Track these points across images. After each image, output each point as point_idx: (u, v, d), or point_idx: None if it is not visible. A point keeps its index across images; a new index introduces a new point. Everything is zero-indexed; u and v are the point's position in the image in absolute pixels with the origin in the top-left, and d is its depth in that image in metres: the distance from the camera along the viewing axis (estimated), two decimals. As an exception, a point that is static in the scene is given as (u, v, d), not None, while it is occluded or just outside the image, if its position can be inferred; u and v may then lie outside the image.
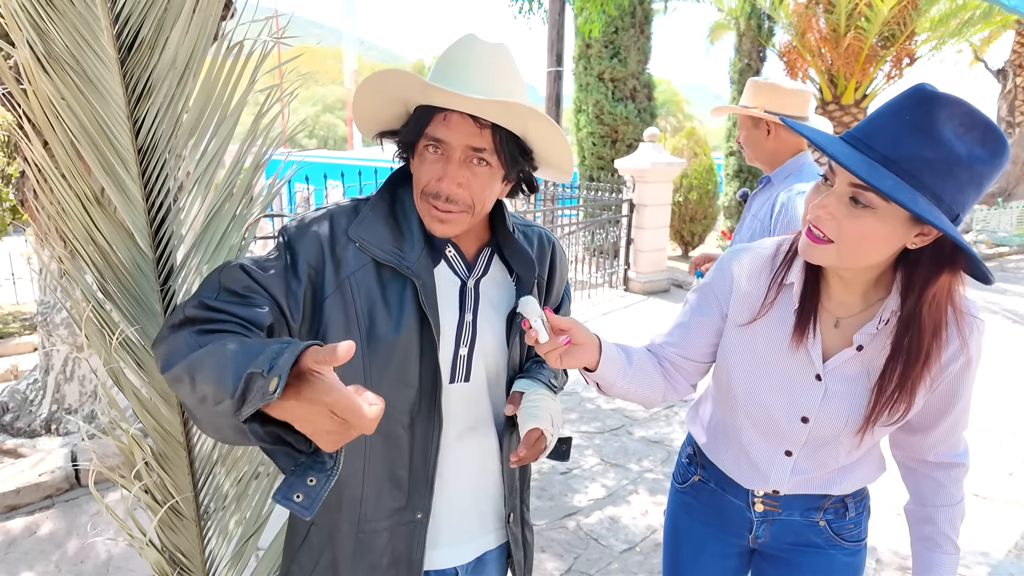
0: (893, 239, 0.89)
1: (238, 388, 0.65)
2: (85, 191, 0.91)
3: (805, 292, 1.02)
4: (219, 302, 0.82)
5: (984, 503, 3.07)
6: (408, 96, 0.92)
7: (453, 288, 1.01)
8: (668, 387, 1.18)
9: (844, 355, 1.02)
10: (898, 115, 0.85)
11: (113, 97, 0.96)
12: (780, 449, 1.12)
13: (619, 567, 2.51)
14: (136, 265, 0.99)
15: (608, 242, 7.48)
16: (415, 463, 0.97)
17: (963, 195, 0.85)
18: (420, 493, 0.98)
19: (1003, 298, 7.59)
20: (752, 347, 1.09)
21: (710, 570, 1.30)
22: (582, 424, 3.88)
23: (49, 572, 2.36)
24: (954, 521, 1.13)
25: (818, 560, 1.19)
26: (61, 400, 3.29)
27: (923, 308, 0.93)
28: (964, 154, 0.82)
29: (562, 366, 0.98)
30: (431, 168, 0.92)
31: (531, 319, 0.91)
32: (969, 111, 0.83)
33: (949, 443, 1.11)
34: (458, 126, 0.89)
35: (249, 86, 1.07)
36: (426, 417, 0.96)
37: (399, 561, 0.99)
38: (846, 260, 0.93)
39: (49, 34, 0.87)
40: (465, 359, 1.01)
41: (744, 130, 2.11)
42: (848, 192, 0.88)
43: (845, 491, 1.15)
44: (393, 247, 0.94)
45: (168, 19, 0.98)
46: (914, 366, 0.96)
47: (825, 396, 1.04)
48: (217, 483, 1.22)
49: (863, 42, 9.92)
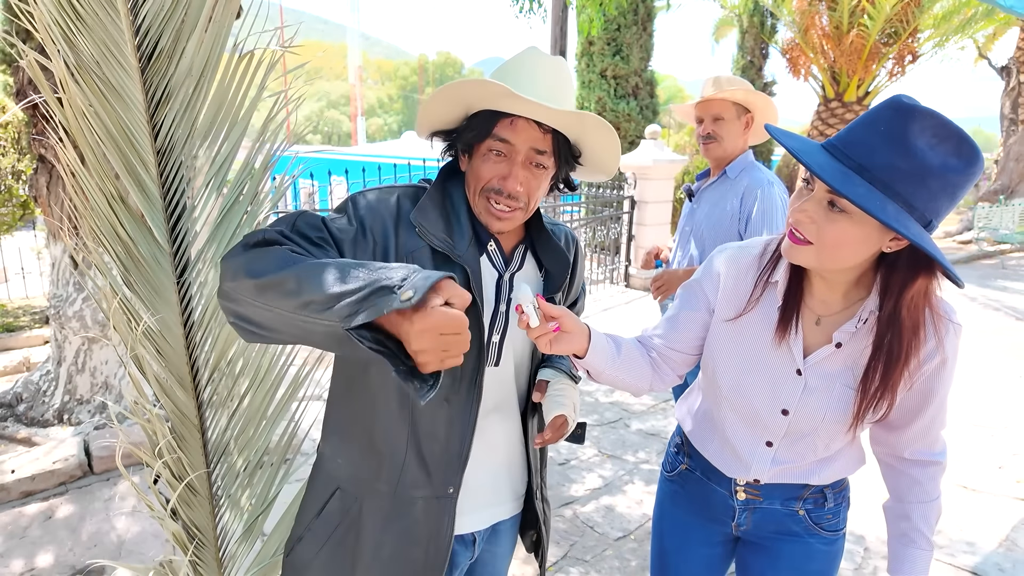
0: (869, 243, 0.93)
1: (362, 293, 0.72)
2: (111, 191, 0.99)
3: (789, 290, 1.07)
4: (296, 236, 0.88)
5: (974, 495, 3.13)
6: (475, 102, 1.00)
7: (491, 280, 1.09)
8: (655, 377, 1.24)
9: (824, 352, 1.06)
10: (874, 125, 0.89)
11: (135, 103, 1.03)
12: (761, 440, 1.16)
13: (613, 553, 2.59)
14: (155, 259, 1.07)
15: (609, 238, 7.54)
16: (452, 440, 1.04)
17: (936, 203, 0.88)
18: (453, 469, 1.04)
19: (1004, 295, 7.63)
20: (737, 341, 1.14)
21: (695, 557, 1.35)
22: (580, 417, 3.96)
23: (63, 555, 2.45)
24: (929, 518, 1.16)
25: (797, 548, 1.23)
26: (73, 391, 3.39)
27: (902, 310, 0.96)
28: (937, 164, 0.86)
29: (551, 351, 1.04)
30: (495, 167, 1.00)
31: (524, 305, 0.98)
32: (943, 123, 0.86)
33: (926, 441, 1.14)
34: (524, 130, 0.98)
35: (259, 92, 1.14)
36: (466, 395, 1.03)
37: (429, 533, 1.05)
38: (825, 262, 0.97)
39: (78, 46, 0.95)
40: (496, 345, 1.09)
41: (724, 120, 2.22)
42: (826, 197, 0.92)
43: (824, 482, 1.19)
44: (446, 236, 1.01)
45: (185, 30, 1.05)
46: (895, 365, 0.99)
47: (805, 390, 1.08)
48: (229, 463, 1.31)
49: (865, 39, 9.94)
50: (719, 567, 1.36)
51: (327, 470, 1.10)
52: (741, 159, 2.28)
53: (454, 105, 1.02)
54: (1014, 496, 3.12)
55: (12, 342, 4.89)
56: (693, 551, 1.35)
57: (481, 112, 1.00)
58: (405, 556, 1.05)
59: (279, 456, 1.40)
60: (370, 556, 1.04)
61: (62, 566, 2.40)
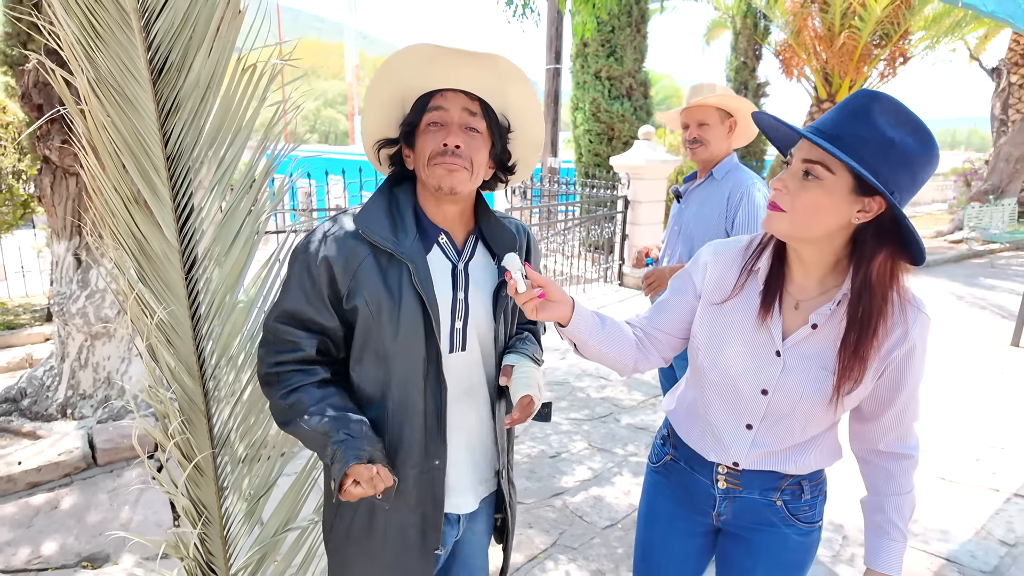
0: (838, 211, 1.02)
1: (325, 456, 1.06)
2: (127, 193, 1.08)
3: (770, 276, 1.17)
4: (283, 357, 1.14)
5: (951, 486, 3.24)
6: (406, 89, 1.15)
7: (446, 271, 1.18)
8: (640, 356, 1.30)
9: (801, 333, 1.13)
10: (843, 107, 1.02)
11: (147, 113, 1.12)
12: (742, 422, 1.22)
13: (600, 541, 2.69)
14: (166, 256, 1.17)
15: (603, 238, 7.64)
16: (429, 420, 1.16)
17: (896, 175, 0.98)
18: (435, 444, 1.17)
19: (991, 294, 7.75)
20: (722, 324, 1.22)
21: (678, 547, 1.40)
22: (572, 411, 4.06)
23: (69, 543, 2.54)
24: (902, 510, 1.20)
25: (773, 538, 1.28)
26: (76, 386, 3.47)
27: (871, 278, 1.05)
28: (896, 139, 0.97)
29: (536, 317, 1.13)
30: (435, 136, 1.12)
31: (512, 272, 1.09)
32: (903, 109, 0.99)
33: (898, 432, 1.19)
34: (454, 97, 1.13)
35: (260, 103, 1.24)
36: (435, 382, 1.15)
37: (425, 500, 1.18)
38: (798, 229, 1.06)
39: (97, 62, 1.04)
40: (461, 331, 1.18)
41: (709, 125, 2.33)
42: (801, 168, 1.03)
43: (801, 471, 1.23)
44: (390, 234, 1.11)
45: (192, 46, 1.14)
46: (866, 336, 1.06)
47: (783, 371, 1.15)
48: (232, 449, 1.40)
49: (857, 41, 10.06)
50: (699, 559, 1.41)
51: None
52: (727, 161, 2.38)
53: (390, 105, 1.17)
54: (989, 487, 3.23)
55: (13, 339, 4.97)
56: (675, 542, 1.40)
57: (418, 99, 1.15)
58: (410, 521, 1.19)
59: (277, 449, 1.49)
60: (383, 526, 1.19)
61: (68, 554, 2.49)
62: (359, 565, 1.22)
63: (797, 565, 1.29)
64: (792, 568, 1.29)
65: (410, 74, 1.12)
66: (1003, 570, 2.57)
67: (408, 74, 1.12)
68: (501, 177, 1.26)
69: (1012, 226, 11.02)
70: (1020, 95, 13.15)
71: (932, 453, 3.59)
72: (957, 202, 12.95)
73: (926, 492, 3.17)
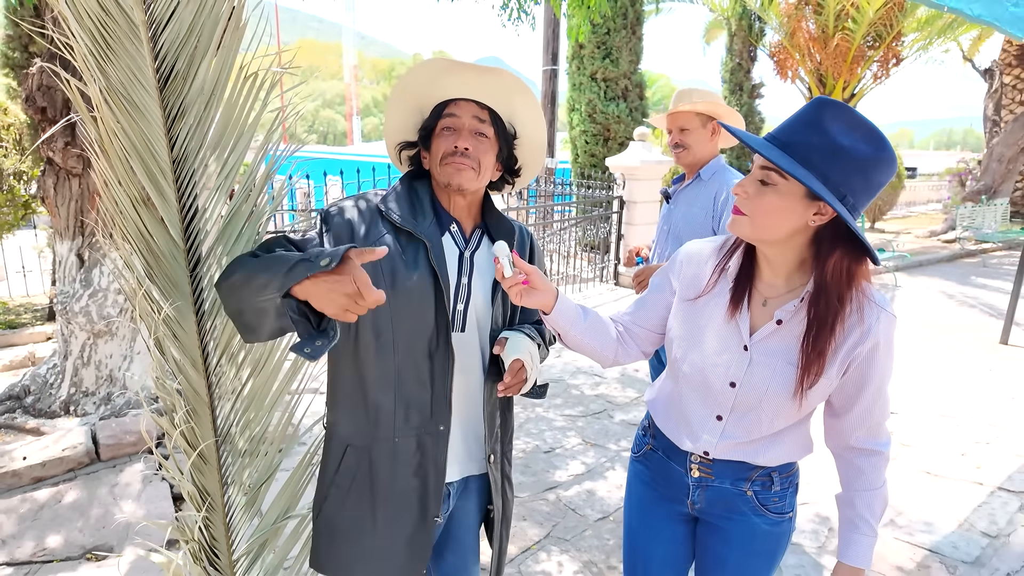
0: (794, 214, 1.08)
1: (291, 265, 0.95)
2: (135, 195, 1.14)
3: (739, 275, 1.23)
4: (264, 251, 1.13)
5: (936, 480, 3.31)
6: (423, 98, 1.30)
7: (454, 256, 1.29)
8: (620, 349, 1.38)
9: (767, 329, 1.19)
10: (798, 116, 1.08)
11: (154, 119, 1.19)
12: (713, 414, 1.28)
13: (592, 533, 2.76)
14: (172, 255, 1.23)
15: (599, 238, 7.71)
16: (436, 386, 1.24)
17: (849, 179, 1.03)
18: (441, 409, 1.25)
19: (982, 292, 7.84)
20: (695, 319, 1.29)
21: (660, 534, 1.45)
22: (567, 408, 4.13)
23: (74, 536, 2.60)
24: (873, 506, 1.24)
25: (743, 527, 1.33)
26: (79, 383, 3.53)
27: (826, 277, 1.10)
28: (847, 145, 1.02)
29: (521, 303, 1.22)
30: (448, 139, 1.25)
31: (500, 257, 1.18)
32: (854, 116, 1.03)
33: (868, 428, 1.24)
34: (466, 107, 1.27)
35: (261, 109, 1.30)
36: (443, 352, 1.23)
37: (427, 463, 1.25)
38: (758, 231, 1.12)
39: (108, 71, 1.11)
40: (461, 313, 1.29)
41: (690, 130, 2.42)
42: (759, 175, 1.10)
43: (770, 463, 1.28)
44: (410, 216, 1.24)
45: (197, 55, 1.21)
46: (823, 331, 1.11)
47: (751, 365, 1.21)
48: (233, 443, 1.46)
49: (850, 43, 10.14)
50: (682, 544, 1.46)
51: (337, 435, 1.30)
52: (713, 163, 2.47)
53: (409, 112, 1.32)
54: (973, 481, 3.30)
55: (15, 338, 5.03)
56: (657, 528, 1.45)
57: (435, 107, 1.29)
58: (412, 486, 1.25)
59: (275, 445, 1.56)
60: (385, 492, 1.25)
61: (72, 546, 2.55)
62: (353, 535, 1.27)
63: (768, 554, 1.35)
64: (763, 556, 1.34)
65: (427, 85, 1.27)
66: (984, 560, 2.65)
67: (425, 85, 1.27)
68: (508, 179, 1.39)
69: (1004, 226, 11.11)
70: (1013, 96, 13.25)
71: (919, 448, 3.66)
72: (952, 202, 13.04)
73: (912, 486, 3.25)
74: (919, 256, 9.91)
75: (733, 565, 1.35)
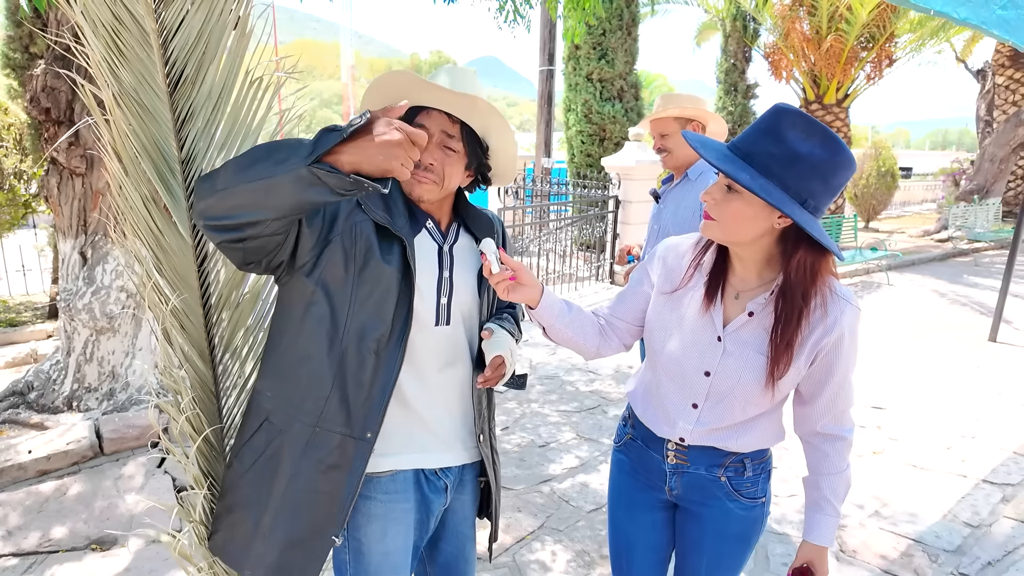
0: (759, 219, 1.14)
1: (315, 139, 0.95)
2: (145, 194, 1.21)
3: (714, 270, 1.30)
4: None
5: (922, 472, 3.39)
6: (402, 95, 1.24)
7: (432, 252, 1.30)
8: (602, 341, 1.44)
9: (739, 320, 1.25)
10: (757, 125, 1.14)
11: (164, 122, 1.25)
12: (689, 401, 1.33)
13: (585, 524, 2.83)
14: (180, 250, 1.30)
15: (595, 237, 7.78)
16: (375, 389, 1.19)
17: (808, 184, 1.08)
18: (373, 416, 1.19)
19: (973, 291, 7.93)
20: (672, 311, 1.34)
21: (641, 521, 1.50)
22: (562, 404, 4.20)
23: (78, 528, 2.66)
24: (836, 488, 1.31)
25: (717, 511, 1.38)
26: (82, 379, 3.59)
27: (791, 274, 1.15)
28: (804, 151, 1.07)
29: (507, 298, 1.26)
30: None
31: (488, 254, 1.23)
32: (810, 122, 1.08)
33: (833, 415, 1.30)
34: (436, 118, 1.23)
35: (266, 111, 1.37)
36: (393, 351, 1.20)
37: (342, 471, 1.19)
38: (727, 234, 1.18)
39: (120, 77, 1.17)
40: (446, 307, 1.30)
41: (669, 135, 2.50)
42: (724, 182, 1.16)
43: (742, 449, 1.33)
44: (385, 213, 1.22)
45: (205, 61, 1.27)
46: (790, 324, 1.17)
47: (724, 354, 1.27)
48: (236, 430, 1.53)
49: (844, 44, 10.23)
50: (663, 530, 1.51)
51: (259, 403, 1.25)
52: (700, 163, 2.54)
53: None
54: (958, 473, 3.38)
55: (17, 336, 5.08)
56: (638, 515, 1.50)
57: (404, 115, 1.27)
58: (316, 486, 1.19)
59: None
60: (286, 483, 1.19)
61: (77, 537, 2.61)
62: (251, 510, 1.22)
63: (742, 538, 1.40)
64: (737, 540, 1.40)
65: (400, 92, 1.25)
66: (965, 549, 2.72)
67: (398, 92, 1.24)
68: (480, 183, 1.40)
69: (996, 225, 11.23)
70: (1006, 97, 13.36)
71: (906, 442, 3.74)
72: (946, 201, 13.15)
73: (898, 478, 3.32)
74: (912, 255, 10.00)
75: (709, 548, 1.41)
